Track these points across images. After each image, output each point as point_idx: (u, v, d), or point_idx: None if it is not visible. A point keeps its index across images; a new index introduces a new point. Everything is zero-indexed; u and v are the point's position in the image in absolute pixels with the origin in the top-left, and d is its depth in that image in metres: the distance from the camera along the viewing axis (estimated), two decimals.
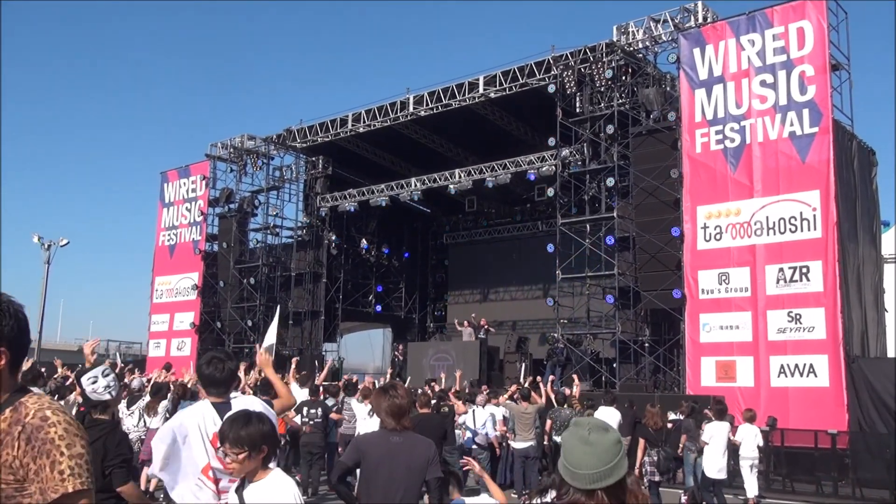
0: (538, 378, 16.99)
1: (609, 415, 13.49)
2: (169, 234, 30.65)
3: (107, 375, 4.94)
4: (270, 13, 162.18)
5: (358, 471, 4.69)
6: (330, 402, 13.70)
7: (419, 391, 13.34)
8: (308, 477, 12.40)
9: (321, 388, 13.86)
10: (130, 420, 11.37)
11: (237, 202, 29.08)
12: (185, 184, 30.30)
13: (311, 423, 12.29)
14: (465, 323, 23.60)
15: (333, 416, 13.12)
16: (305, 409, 12.43)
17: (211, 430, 4.07)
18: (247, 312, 27.92)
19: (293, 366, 14.57)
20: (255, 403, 4.40)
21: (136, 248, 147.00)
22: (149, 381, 14.73)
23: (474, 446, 12.60)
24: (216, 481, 4.06)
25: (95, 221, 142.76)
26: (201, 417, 4.14)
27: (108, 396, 4.92)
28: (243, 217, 29.26)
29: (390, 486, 4.32)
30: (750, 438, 12.50)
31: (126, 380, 14.33)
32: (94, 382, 4.88)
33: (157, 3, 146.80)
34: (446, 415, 11.08)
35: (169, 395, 11.44)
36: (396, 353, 27.33)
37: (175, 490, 4.11)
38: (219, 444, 4.03)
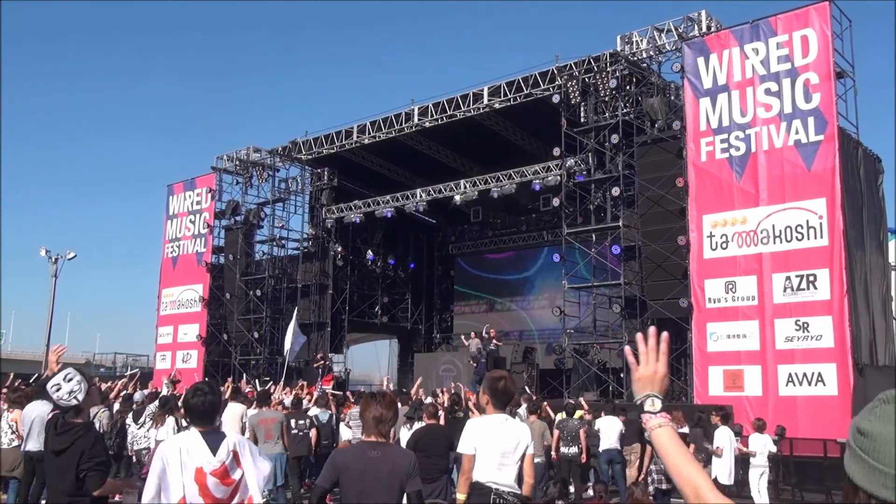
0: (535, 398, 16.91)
1: (611, 424, 13.46)
2: (172, 247, 30.71)
3: (70, 380, 4.81)
4: (275, 26, 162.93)
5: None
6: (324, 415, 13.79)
7: (427, 401, 13.31)
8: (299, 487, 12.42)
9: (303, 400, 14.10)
10: (141, 431, 11.42)
11: (243, 214, 29.12)
12: (189, 196, 30.38)
13: (300, 433, 12.34)
14: (473, 334, 23.57)
15: (314, 431, 13.10)
16: (293, 420, 12.46)
17: (195, 462, 4.04)
18: (253, 324, 27.93)
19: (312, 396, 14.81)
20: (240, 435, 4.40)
21: (144, 261, 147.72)
22: (150, 394, 14.77)
23: None
24: None
25: (103, 235, 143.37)
26: (185, 448, 4.11)
27: (74, 402, 4.79)
28: (249, 229, 29.30)
29: (370, 502, 4.25)
30: (761, 448, 12.46)
31: (130, 391, 14.35)
32: (58, 389, 4.77)
33: (162, 16, 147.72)
34: (459, 421, 11.05)
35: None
36: (320, 360, 25.48)
37: None
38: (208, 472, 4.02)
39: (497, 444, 5.26)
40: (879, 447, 1.24)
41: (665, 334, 2.19)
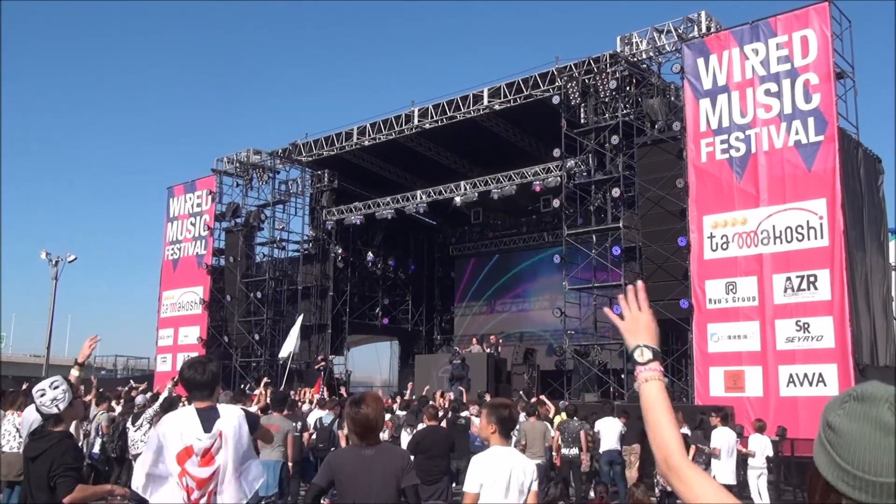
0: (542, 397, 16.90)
1: (610, 425, 13.45)
2: (173, 249, 30.74)
3: (55, 388, 4.71)
4: (275, 27, 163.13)
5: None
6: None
7: (429, 403, 13.31)
8: (285, 493, 12.29)
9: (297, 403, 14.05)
10: (138, 434, 11.39)
11: (243, 216, 29.14)
12: (190, 198, 30.42)
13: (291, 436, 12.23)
14: (474, 340, 23.60)
15: (306, 434, 13.02)
16: None
17: (189, 439, 4.06)
18: (254, 326, 27.94)
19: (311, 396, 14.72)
20: (235, 413, 4.37)
21: (144, 264, 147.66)
22: (153, 397, 14.75)
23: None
24: (189, 490, 4.05)
25: (103, 237, 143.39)
26: (183, 425, 4.14)
27: (55, 410, 4.68)
28: (250, 231, 29.31)
29: (368, 500, 4.27)
30: (760, 449, 12.47)
31: (133, 395, 14.35)
32: (42, 395, 4.68)
33: (161, 17, 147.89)
34: (460, 427, 11.06)
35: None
36: (321, 361, 25.27)
37: (153, 494, 4.10)
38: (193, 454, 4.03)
39: (504, 480, 5.18)
40: (844, 444, 1.27)
41: (640, 283, 2.12)
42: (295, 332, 20.45)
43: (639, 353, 1.96)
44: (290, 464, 11.37)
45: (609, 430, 13.36)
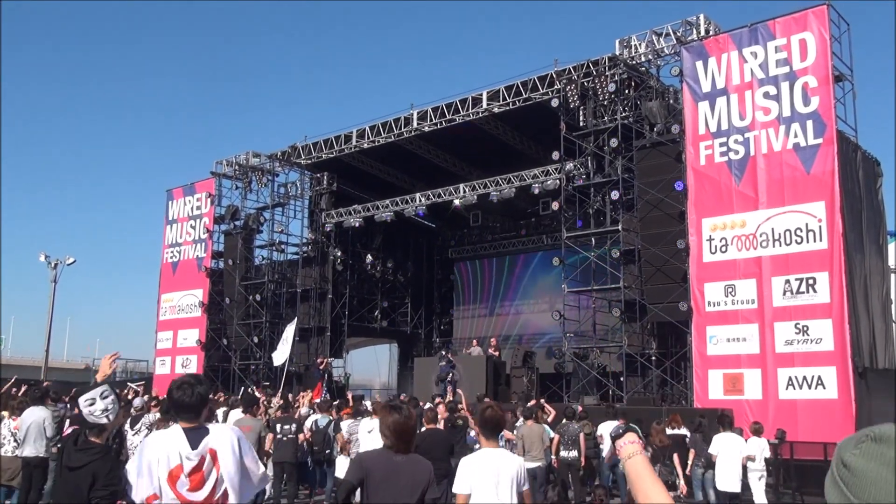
0: (542, 401, 16.91)
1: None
2: (172, 252, 30.73)
3: (105, 398, 4.61)
4: (275, 32, 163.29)
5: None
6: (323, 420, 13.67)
7: (426, 406, 13.31)
8: (281, 493, 12.25)
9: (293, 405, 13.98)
10: (137, 437, 11.37)
11: (242, 219, 29.14)
12: (189, 201, 30.42)
13: (285, 438, 12.17)
14: (475, 342, 23.61)
15: (301, 436, 12.96)
16: (279, 425, 12.35)
17: (174, 461, 3.99)
18: (253, 329, 27.92)
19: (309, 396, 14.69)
20: (228, 430, 4.35)
21: (143, 266, 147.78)
22: (151, 400, 14.73)
23: None
24: None
25: (102, 239, 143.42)
26: (167, 446, 4.08)
27: (104, 420, 4.61)
28: (249, 234, 29.30)
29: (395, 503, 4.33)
30: (758, 452, 12.46)
31: (130, 397, 14.33)
32: (92, 405, 4.58)
33: (161, 20, 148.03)
34: (458, 428, 11.05)
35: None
36: (320, 363, 25.11)
37: None
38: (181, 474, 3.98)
39: (492, 481, 5.20)
40: (858, 483, 1.27)
41: None
42: (288, 338, 20.45)
43: (613, 430, 2.26)
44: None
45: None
